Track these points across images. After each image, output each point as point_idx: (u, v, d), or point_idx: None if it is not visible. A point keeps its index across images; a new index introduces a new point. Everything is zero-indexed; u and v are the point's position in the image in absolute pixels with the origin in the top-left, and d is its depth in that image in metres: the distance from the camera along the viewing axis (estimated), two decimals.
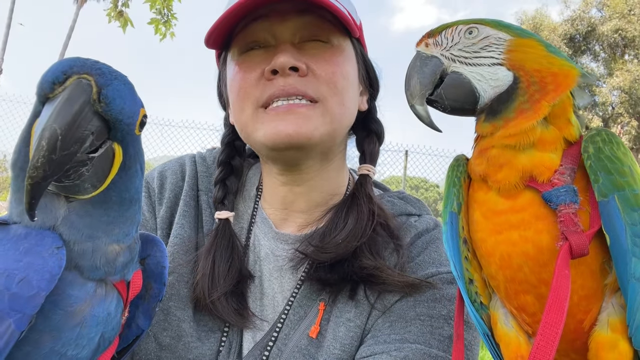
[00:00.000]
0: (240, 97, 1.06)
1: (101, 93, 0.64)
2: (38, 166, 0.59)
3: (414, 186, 35.73)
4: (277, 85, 1.00)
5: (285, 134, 1.00)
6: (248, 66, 1.05)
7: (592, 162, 0.67)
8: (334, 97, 1.03)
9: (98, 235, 0.70)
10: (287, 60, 0.99)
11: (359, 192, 1.10)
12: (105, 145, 0.67)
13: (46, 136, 0.59)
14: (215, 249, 1.07)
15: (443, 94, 0.75)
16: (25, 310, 0.61)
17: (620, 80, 22.09)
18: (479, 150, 0.74)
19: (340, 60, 1.06)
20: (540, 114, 0.69)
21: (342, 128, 1.07)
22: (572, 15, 23.99)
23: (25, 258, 0.64)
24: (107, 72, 0.66)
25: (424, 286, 1.01)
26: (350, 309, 1.02)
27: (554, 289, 0.62)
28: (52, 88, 0.64)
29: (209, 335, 1.04)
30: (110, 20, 5.96)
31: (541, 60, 0.72)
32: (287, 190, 1.12)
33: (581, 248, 0.64)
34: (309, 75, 1.02)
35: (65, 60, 0.66)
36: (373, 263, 1.00)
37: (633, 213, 0.64)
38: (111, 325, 0.76)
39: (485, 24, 0.75)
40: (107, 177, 0.68)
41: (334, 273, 1.02)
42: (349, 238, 1.02)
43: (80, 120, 0.62)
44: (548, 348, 0.61)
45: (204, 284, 1.04)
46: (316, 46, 1.05)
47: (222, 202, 1.14)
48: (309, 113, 1.01)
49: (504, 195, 0.71)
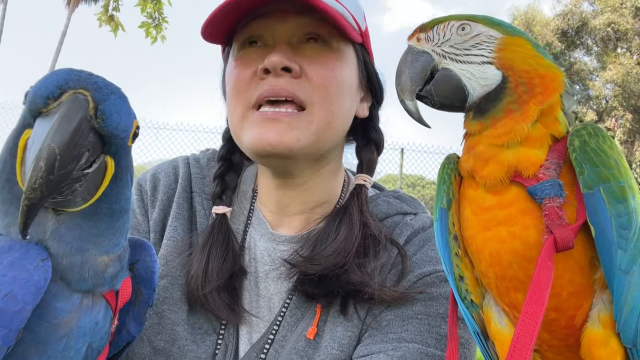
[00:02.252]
0: (233, 95, 1.06)
1: (98, 109, 0.62)
2: (36, 187, 0.58)
3: (411, 184, 35.76)
4: (268, 85, 1.00)
5: (267, 142, 0.99)
6: (244, 63, 1.05)
7: (577, 155, 0.67)
8: (323, 103, 1.02)
9: (88, 248, 0.69)
10: (280, 59, 0.98)
11: (352, 203, 1.09)
12: (99, 160, 0.65)
13: (44, 156, 0.58)
14: (211, 244, 1.07)
15: (433, 90, 0.75)
16: (12, 325, 0.60)
17: (614, 73, 22.16)
18: (467, 147, 0.75)
19: (337, 65, 1.04)
20: (529, 117, 0.70)
21: (329, 136, 1.05)
22: (564, 10, 24.07)
23: (9, 272, 0.62)
24: (103, 86, 0.64)
25: (413, 295, 1.00)
26: (343, 321, 1.01)
27: (535, 280, 0.62)
28: (46, 103, 0.62)
29: (204, 338, 1.04)
30: (101, 24, 5.95)
31: (530, 61, 0.72)
32: (282, 194, 1.12)
33: (566, 241, 0.63)
34: (302, 78, 1.01)
35: (59, 73, 0.64)
36: (360, 278, 0.99)
37: (618, 205, 0.63)
38: (99, 335, 0.74)
39: (477, 20, 0.76)
40: (98, 189, 0.67)
41: (321, 287, 1.01)
42: (338, 250, 1.01)
43: (78, 138, 0.60)
44: (527, 338, 0.60)
45: (197, 278, 1.04)
46: (314, 48, 1.04)
47: (220, 198, 1.14)
48: (294, 123, 0.99)
49: (491, 191, 0.71)
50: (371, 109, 1.18)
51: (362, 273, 1.00)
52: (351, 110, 1.10)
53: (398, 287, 1.01)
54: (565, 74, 0.73)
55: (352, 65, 1.08)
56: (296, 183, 1.10)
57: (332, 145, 1.08)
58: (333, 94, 1.02)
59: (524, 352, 0.60)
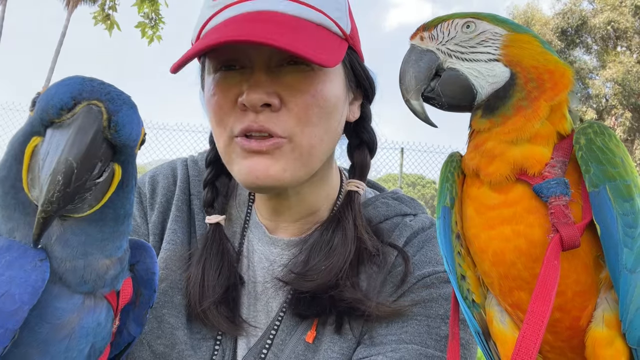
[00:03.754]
0: (216, 123, 1.02)
1: (111, 120, 0.62)
2: (53, 200, 0.58)
3: (411, 183, 35.82)
4: (249, 120, 0.96)
5: (255, 176, 0.96)
6: (222, 90, 0.99)
7: (583, 153, 0.66)
8: (305, 131, 0.97)
9: (92, 252, 0.69)
10: (259, 97, 0.93)
11: (346, 214, 1.06)
12: (108, 168, 0.66)
13: (62, 170, 0.58)
14: (206, 256, 1.05)
15: (440, 91, 0.73)
16: (8, 325, 0.60)
17: (614, 72, 22.18)
18: (474, 145, 0.73)
19: (319, 88, 0.97)
20: (541, 114, 0.69)
21: (317, 158, 1.01)
22: (563, 9, 24.08)
23: (7, 272, 0.62)
24: (116, 97, 0.64)
25: (409, 309, 0.99)
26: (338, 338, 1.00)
27: (541, 279, 0.61)
28: (60, 114, 0.62)
29: (201, 344, 1.03)
30: (97, 23, 5.94)
31: (537, 57, 0.71)
32: (276, 202, 1.10)
33: (572, 239, 0.63)
34: (282, 110, 0.96)
35: (71, 84, 0.63)
36: (353, 296, 0.97)
37: (624, 203, 0.63)
38: (101, 335, 0.74)
39: (481, 18, 0.74)
40: (104, 195, 0.67)
41: (314, 308, 1.00)
42: (332, 266, 0.99)
43: (94, 150, 0.61)
44: (534, 337, 0.60)
45: (194, 293, 1.03)
46: (294, 72, 0.96)
47: (211, 206, 1.12)
48: (277, 154, 0.96)
49: (496, 189, 0.70)
50: (363, 107, 1.14)
51: (356, 291, 0.98)
52: (340, 124, 1.06)
53: (396, 300, 1.00)
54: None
55: (338, 77, 1.03)
56: (289, 194, 1.07)
57: (320, 163, 1.04)
58: (316, 120, 0.98)
59: (530, 351, 0.60)
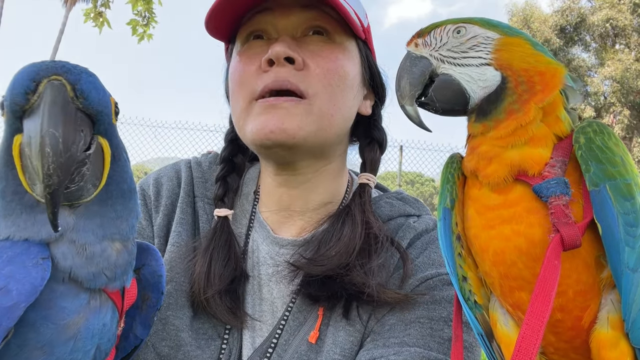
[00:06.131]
0: (237, 88, 1.07)
1: (76, 89, 0.64)
2: (51, 173, 0.59)
3: (410, 181, 35.79)
4: (271, 76, 1.01)
5: (269, 130, 1.00)
6: (248, 57, 1.06)
7: (583, 152, 0.66)
8: (324, 94, 1.03)
9: (108, 234, 0.69)
10: (283, 49, 1.00)
11: (355, 203, 1.09)
12: (94, 141, 0.67)
13: (47, 142, 0.59)
14: (213, 246, 1.07)
15: (434, 96, 0.75)
16: (1, 322, 0.59)
17: (612, 69, 22.14)
18: (470, 148, 0.75)
19: (340, 58, 1.06)
20: (530, 116, 0.69)
21: (331, 127, 1.05)
22: (562, 6, 24.03)
23: (7, 267, 0.61)
24: (72, 68, 0.65)
25: (416, 298, 1.00)
26: (345, 325, 1.01)
27: (542, 278, 0.62)
28: (27, 98, 0.63)
29: (208, 343, 1.03)
30: (87, 19, 5.90)
31: (528, 59, 0.72)
32: (283, 192, 1.11)
33: (573, 239, 0.63)
34: (305, 70, 1.02)
35: (26, 69, 0.64)
36: (362, 279, 0.99)
37: (625, 202, 0.63)
38: (107, 336, 0.74)
39: (473, 22, 0.76)
40: (103, 172, 0.68)
41: (325, 289, 1.01)
42: (342, 251, 1.01)
43: (70, 118, 0.62)
44: (533, 337, 0.60)
45: (200, 281, 1.04)
46: (317, 41, 1.05)
47: (222, 200, 1.14)
48: (293, 110, 1.00)
49: (496, 190, 0.71)
50: (374, 107, 1.19)
51: (365, 273, 0.99)
52: (354, 105, 1.10)
53: (400, 290, 1.01)
54: (567, 69, 0.73)
55: (355, 60, 1.09)
56: (299, 180, 1.10)
57: (335, 138, 1.08)
58: (335, 85, 1.04)
59: (530, 351, 0.60)
